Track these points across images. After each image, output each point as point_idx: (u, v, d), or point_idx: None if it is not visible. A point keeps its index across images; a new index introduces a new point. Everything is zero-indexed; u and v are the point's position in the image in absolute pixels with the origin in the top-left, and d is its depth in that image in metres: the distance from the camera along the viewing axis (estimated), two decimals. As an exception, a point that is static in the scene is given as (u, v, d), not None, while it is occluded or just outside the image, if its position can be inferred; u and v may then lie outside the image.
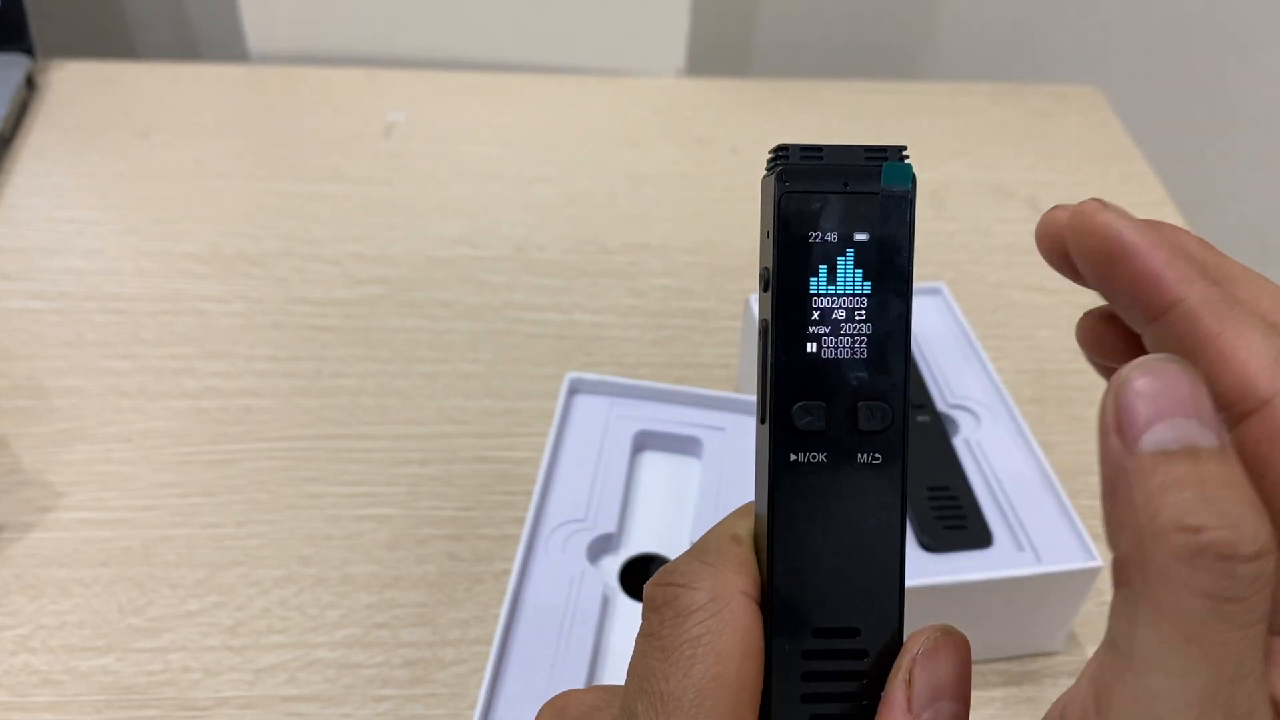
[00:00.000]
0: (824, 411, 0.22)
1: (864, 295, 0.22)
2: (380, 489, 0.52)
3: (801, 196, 0.22)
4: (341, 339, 0.60)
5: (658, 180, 0.73)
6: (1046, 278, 0.67)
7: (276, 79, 0.81)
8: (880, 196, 0.22)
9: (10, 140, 0.72)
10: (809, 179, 0.22)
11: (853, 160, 0.22)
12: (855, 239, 0.22)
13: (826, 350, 0.22)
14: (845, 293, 0.22)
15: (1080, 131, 0.81)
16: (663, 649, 0.22)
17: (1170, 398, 0.20)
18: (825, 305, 0.22)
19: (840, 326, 0.22)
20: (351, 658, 0.45)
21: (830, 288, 0.22)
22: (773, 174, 0.22)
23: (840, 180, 0.22)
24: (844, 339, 0.22)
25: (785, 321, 0.22)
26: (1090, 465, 0.55)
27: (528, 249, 0.67)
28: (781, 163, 0.22)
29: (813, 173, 0.22)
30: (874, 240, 0.22)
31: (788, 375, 0.22)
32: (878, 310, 0.22)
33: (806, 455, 0.22)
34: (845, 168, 0.22)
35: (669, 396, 0.49)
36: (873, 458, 0.22)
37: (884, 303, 0.22)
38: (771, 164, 0.22)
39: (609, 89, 0.82)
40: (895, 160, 0.22)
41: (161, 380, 0.57)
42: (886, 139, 0.85)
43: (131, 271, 0.63)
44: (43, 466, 0.52)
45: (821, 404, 0.22)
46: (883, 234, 0.22)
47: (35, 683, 0.43)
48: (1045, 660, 0.46)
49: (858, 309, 0.22)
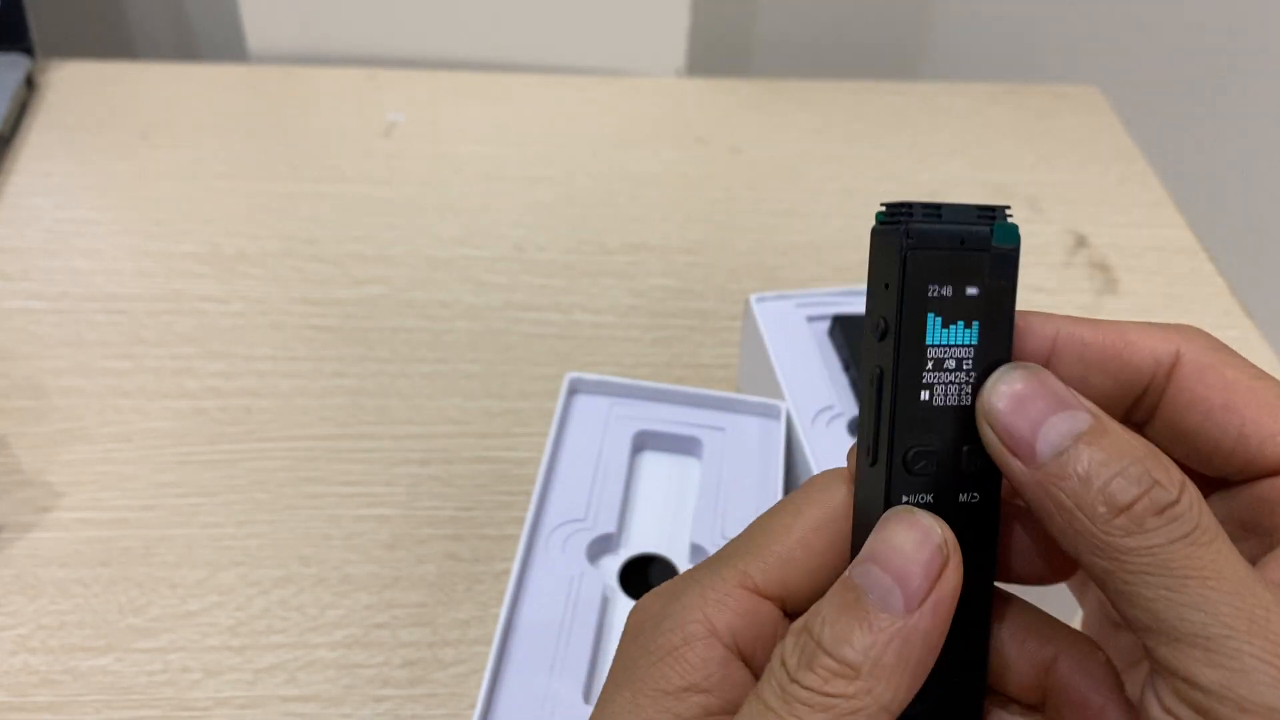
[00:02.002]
0: (935, 456, 0.24)
1: (972, 346, 0.24)
2: (380, 489, 0.52)
3: (924, 254, 0.23)
4: (341, 339, 0.60)
5: (658, 180, 0.73)
6: (1047, 277, 0.67)
7: (276, 79, 0.81)
8: (991, 254, 0.23)
9: (10, 140, 0.72)
10: (930, 237, 0.23)
11: (967, 219, 0.23)
12: (968, 293, 0.23)
13: (938, 398, 0.24)
14: (957, 344, 0.24)
15: (1080, 131, 0.81)
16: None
17: (1035, 402, 0.22)
18: (939, 355, 0.24)
19: (951, 375, 0.24)
20: (351, 658, 0.45)
21: (943, 339, 0.23)
22: (896, 231, 0.23)
23: (957, 239, 0.23)
24: (953, 387, 0.24)
25: (905, 370, 0.23)
26: (1090, 465, 0.55)
27: (528, 249, 0.67)
28: (904, 220, 0.23)
29: (935, 232, 0.23)
30: (983, 294, 0.23)
31: (905, 421, 0.24)
32: (983, 359, 0.24)
33: (916, 496, 0.24)
34: (961, 227, 0.23)
35: (669, 396, 0.49)
36: (971, 496, 0.24)
37: (989, 351, 0.24)
38: (892, 218, 0.24)
39: (609, 89, 0.82)
40: (1002, 220, 0.24)
41: (161, 380, 0.57)
42: (886, 139, 0.85)
43: (131, 271, 0.63)
44: (42, 466, 0.52)
45: (933, 448, 0.24)
46: (991, 288, 0.23)
47: (35, 683, 0.43)
48: (1045, 660, 0.46)
49: (965, 358, 0.24)
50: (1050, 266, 0.68)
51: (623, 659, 0.25)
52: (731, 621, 0.24)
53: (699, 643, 0.24)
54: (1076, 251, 0.69)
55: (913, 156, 0.77)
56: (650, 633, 0.24)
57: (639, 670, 0.24)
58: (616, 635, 0.41)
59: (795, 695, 0.22)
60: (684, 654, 0.24)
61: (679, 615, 0.24)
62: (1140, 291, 0.66)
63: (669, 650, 0.24)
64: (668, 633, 0.24)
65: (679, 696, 0.23)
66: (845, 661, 0.21)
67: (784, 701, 0.22)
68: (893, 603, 0.22)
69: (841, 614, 0.22)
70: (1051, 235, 0.70)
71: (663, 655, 0.24)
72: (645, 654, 0.24)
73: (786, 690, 0.22)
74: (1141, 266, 0.68)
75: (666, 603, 0.25)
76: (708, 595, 0.24)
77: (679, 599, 0.24)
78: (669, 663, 0.24)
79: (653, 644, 0.24)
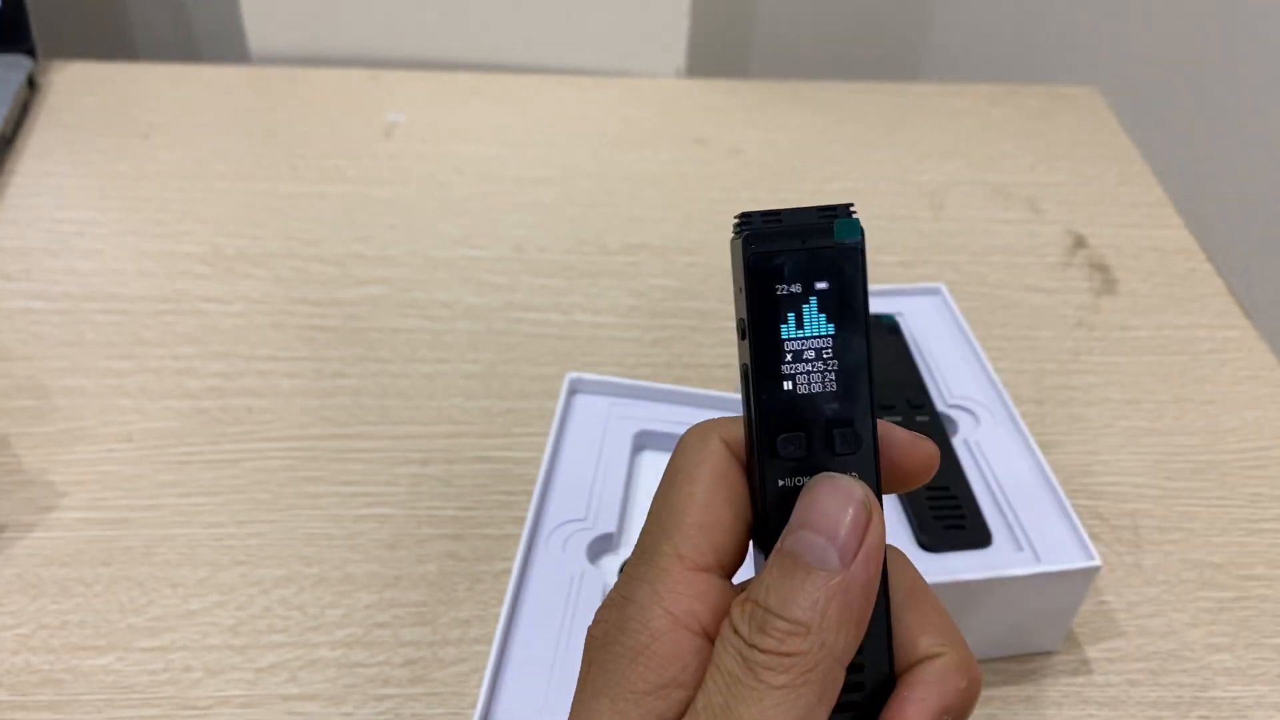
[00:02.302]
0: (804, 440, 0.25)
1: (829, 336, 0.25)
2: (381, 489, 0.52)
3: (766, 255, 0.25)
4: (342, 339, 0.60)
5: (658, 180, 0.73)
6: (1046, 278, 0.67)
7: (277, 80, 0.81)
8: (835, 249, 0.25)
9: (12, 141, 0.72)
10: (771, 240, 0.25)
11: (808, 220, 0.25)
12: (816, 288, 0.25)
13: (801, 387, 0.25)
14: (812, 335, 0.25)
15: (1079, 132, 0.81)
16: None
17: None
18: (796, 348, 0.25)
19: (811, 365, 0.25)
20: (352, 657, 0.45)
21: (799, 332, 0.25)
22: (739, 238, 0.25)
23: (798, 239, 0.25)
24: (815, 375, 0.25)
25: (763, 365, 0.25)
26: (1089, 465, 0.55)
27: (528, 249, 0.67)
28: (746, 228, 0.25)
29: (774, 234, 0.25)
30: (833, 288, 0.25)
31: (770, 411, 0.25)
32: (842, 348, 0.25)
33: (792, 480, 0.25)
34: (802, 227, 0.25)
35: (669, 396, 0.49)
36: (851, 476, 0.25)
37: (847, 341, 0.25)
38: (737, 229, 0.25)
39: (609, 89, 0.82)
40: (845, 217, 0.25)
41: (163, 380, 0.57)
42: (886, 139, 0.85)
43: (133, 272, 0.63)
44: (44, 466, 0.52)
45: (801, 434, 0.25)
46: (840, 281, 0.25)
47: (36, 682, 0.44)
48: (1044, 660, 0.47)
49: (825, 348, 0.25)
50: (1049, 267, 0.68)
51: (593, 670, 0.25)
52: (689, 605, 0.25)
53: (666, 636, 0.24)
54: (1075, 252, 0.70)
55: (913, 156, 0.77)
56: (616, 638, 0.25)
57: (614, 676, 0.24)
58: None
59: (756, 660, 0.23)
60: (655, 650, 0.24)
61: (639, 615, 0.25)
62: (1139, 292, 0.67)
63: (639, 650, 0.24)
64: (633, 634, 0.24)
65: (659, 695, 0.24)
66: (796, 620, 0.23)
67: (747, 668, 0.23)
68: (829, 560, 0.23)
69: (784, 578, 0.23)
70: (1050, 235, 0.71)
71: (634, 657, 0.24)
72: (616, 659, 0.24)
73: (746, 657, 0.23)
74: (1140, 267, 0.68)
75: (622, 608, 0.25)
76: (659, 588, 0.25)
77: (633, 600, 0.25)
78: (642, 662, 0.24)
79: (621, 648, 0.24)
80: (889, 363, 0.52)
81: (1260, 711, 0.45)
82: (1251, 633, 0.48)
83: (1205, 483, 0.55)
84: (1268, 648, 0.48)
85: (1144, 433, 0.57)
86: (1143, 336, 0.63)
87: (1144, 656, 0.47)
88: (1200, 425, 0.58)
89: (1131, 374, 0.61)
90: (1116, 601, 0.49)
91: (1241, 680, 0.46)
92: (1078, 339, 0.63)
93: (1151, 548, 0.51)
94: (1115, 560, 0.51)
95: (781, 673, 0.22)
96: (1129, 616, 0.48)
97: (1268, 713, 0.45)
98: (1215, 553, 0.51)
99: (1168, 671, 0.46)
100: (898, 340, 0.54)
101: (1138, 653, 0.47)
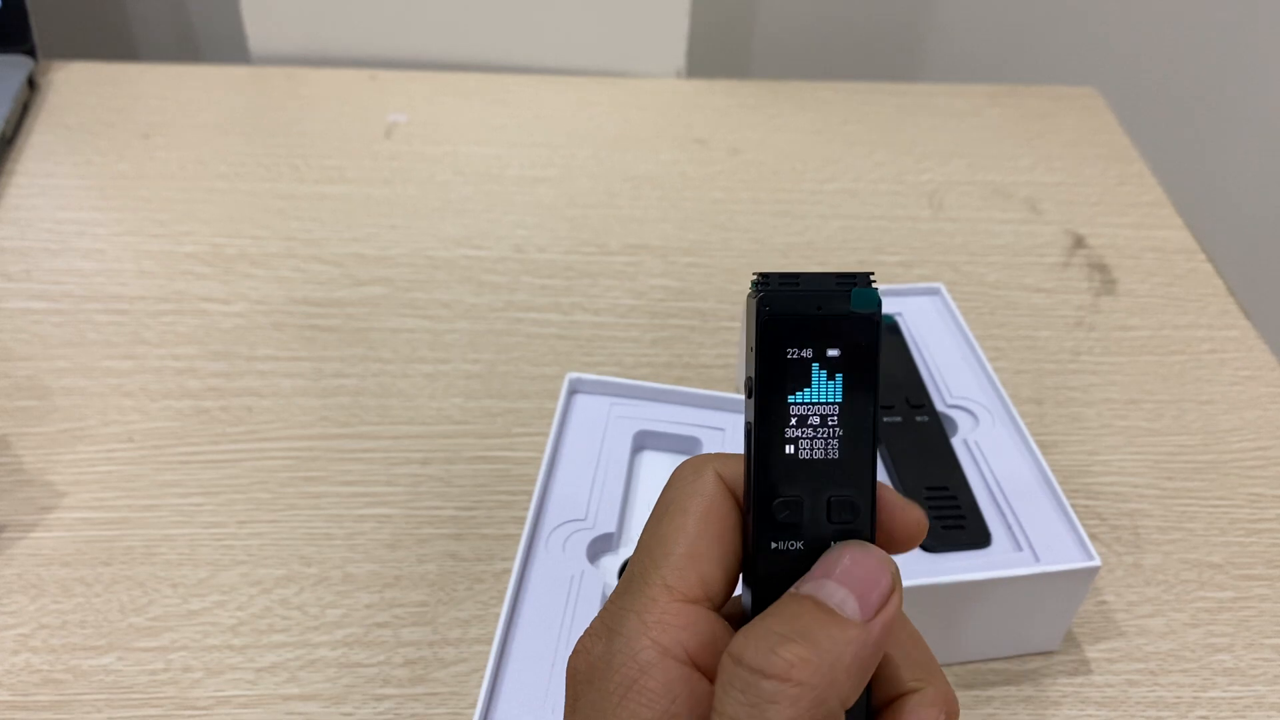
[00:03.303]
0: (800, 506, 0.25)
1: (836, 404, 0.25)
2: (381, 489, 0.52)
3: (780, 319, 0.24)
4: (342, 339, 0.60)
5: (658, 180, 0.73)
6: (1045, 278, 0.67)
7: (278, 80, 0.81)
8: (849, 319, 0.24)
9: (12, 141, 0.72)
10: (787, 304, 0.24)
11: (825, 286, 0.25)
12: (828, 355, 0.25)
13: (803, 452, 0.25)
14: (819, 401, 0.25)
15: (1079, 132, 0.81)
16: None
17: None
18: (802, 413, 0.25)
19: (815, 431, 0.25)
20: (352, 657, 0.45)
21: (806, 397, 0.25)
22: (755, 297, 0.25)
23: (814, 305, 0.25)
24: (818, 442, 0.25)
25: (766, 426, 0.25)
26: (1089, 465, 0.55)
27: (528, 249, 0.67)
28: (762, 289, 0.25)
29: (790, 298, 0.25)
30: (844, 356, 0.25)
31: (768, 474, 0.25)
32: (848, 416, 0.25)
33: (785, 543, 0.25)
34: (819, 293, 0.25)
35: (669, 396, 0.49)
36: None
37: (853, 409, 0.25)
38: (754, 287, 0.25)
39: (609, 89, 0.82)
40: (863, 286, 0.25)
41: (163, 380, 0.57)
42: (886, 140, 0.85)
43: (133, 272, 0.63)
44: (45, 466, 0.52)
45: (798, 499, 0.25)
46: (852, 350, 0.25)
47: (37, 682, 0.44)
48: (1043, 660, 0.47)
49: (830, 415, 0.25)
50: (1049, 267, 0.68)
51: (580, 706, 0.25)
52: (678, 636, 0.24)
53: (655, 668, 0.24)
54: (1075, 252, 0.70)
55: (912, 157, 0.77)
56: (604, 673, 0.24)
57: (607, 713, 0.24)
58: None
59: (763, 693, 0.22)
60: (645, 684, 0.24)
61: (626, 647, 0.24)
62: (1138, 292, 0.67)
63: (630, 685, 0.24)
64: (621, 668, 0.24)
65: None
66: (816, 649, 0.23)
67: (751, 706, 0.22)
68: (849, 611, 0.23)
69: (803, 614, 0.23)
70: (1050, 236, 0.71)
71: (625, 692, 0.24)
72: (606, 696, 0.24)
73: (750, 691, 0.22)
74: (1139, 267, 0.69)
75: (609, 640, 0.25)
76: (646, 619, 0.25)
77: (619, 632, 0.25)
78: (634, 697, 0.24)
79: (610, 684, 0.24)
80: (889, 363, 0.52)
81: (1260, 711, 0.45)
82: (1251, 633, 0.48)
83: (1205, 483, 0.55)
84: (1267, 648, 0.48)
85: (1143, 433, 0.57)
86: (1142, 336, 0.63)
87: (1143, 656, 0.47)
88: (1200, 425, 0.58)
89: (1131, 374, 0.61)
90: (1116, 601, 0.49)
91: (1241, 680, 0.46)
92: (1077, 339, 0.63)
93: (1151, 548, 0.51)
94: (1115, 560, 0.51)
95: (788, 705, 0.22)
96: (1129, 616, 0.48)
97: (1267, 713, 0.45)
98: (1215, 553, 0.51)
99: (1167, 671, 0.46)
100: (898, 340, 0.54)
101: (1137, 653, 0.47)
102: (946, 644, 0.45)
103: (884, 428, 0.49)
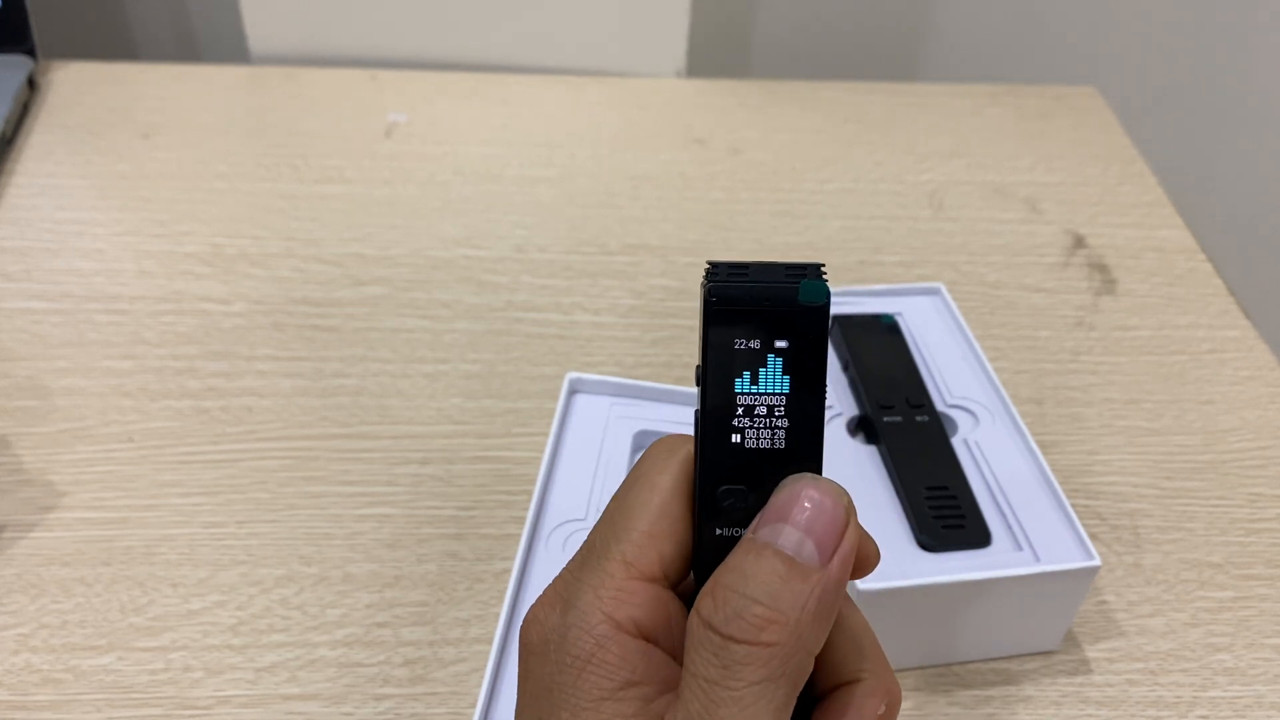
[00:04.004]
0: (745, 494, 0.25)
1: (783, 395, 0.25)
2: (381, 488, 0.52)
3: (727, 309, 0.24)
4: (342, 339, 0.60)
5: (658, 180, 0.73)
6: (1045, 278, 0.67)
7: (278, 80, 0.81)
8: (797, 310, 0.24)
9: (12, 141, 0.72)
10: (734, 294, 0.24)
11: (774, 277, 0.25)
12: (776, 346, 0.25)
13: (749, 441, 0.25)
14: (766, 391, 0.25)
15: (1079, 132, 0.81)
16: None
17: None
18: (749, 402, 0.25)
19: (762, 421, 0.25)
20: (352, 657, 0.45)
21: (753, 387, 0.25)
22: (704, 288, 0.25)
23: (761, 297, 0.24)
24: (765, 432, 0.25)
25: (713, 415, 0.25)
26: (1089, 465, 0.55)
27: (528, 249, 0.67)
28: (713, 279, 0.25)
29: (737, 289, 0.24)
30: (792, 347, 0.25)
31: (715, 462, 0.25)
32: (795, 407, 0.25)
33: (729, 530, 0.25)
34: (767, 285, 0.24)
35: (669, 396, 0.49)
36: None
37: (801, 401, 0.25)
38: (706, 276, 0.25)
39: (609, 89, 0.82)
40: (814, 278, 0.25)
41: (163, 380, 0.57)
42: (886, 139, 0.85)
43: (133, 272, 0.63)
44: (44, 466, 0.52)
45: (743, 487, 0.25)
46: (799, 342, 0.25)
47: (36, 682, 0.44)
48: (1043, 660, 0.47)
49: (777, 406, 0.25)
50: (1048, 267, 0.68)
51: (539, 679, 0.25)
52: (632, 613, 0.25)
53: (612, 641, 0.24)
54: (1074, 252, 0.70)
55: (913, 157, 0.77)
56: (559, 645, 0.25)
57: (565, 687, 0.24)
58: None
59: (734, 657, 0.22)
60: (603, 657, 0.24)
61: (581, 621, 0.24)
62: (1138, 292, 0.67)
63: (587, 658, 0.24)
64: (576, 641, 0.24)
65: (617, 697, 0.24)
66: (778, 610, 0.23)
67: (723, 667, 0.22)
68: (807, 555, 0.23)
69: (761, 568, 0.23)
70: (1049, 236, 0.71)
71: (584, 665, 0.24)
72: (563, 669, 0.24)
73: (722, 654, 0.23)
74: (1139, 267, 0.69)
75: (563, 612, 0.25)
76: (601, 594, 0.25)
77: (574, 605, 0.25)
78: (592, 669, 0.24)
79: (567, 656, 0.24)
80: (888, 362, 0.52)
81: (1260, 711, 0.45)
82: (1251, 633, 0.48)
83: (1205, 483, 0.55)
84: (1267, 648, 0.48)
85: (1143, 433, 0.57)
86: (1142, 336, 0.63)
87: (1143, 656, 0.47)
88: (1200, 425, 0.58)
89: (1131, 374, 0.61)
90: (1116, 601, 0.49)
91: (1241, 680, 0.46)
92: (1077, 339, 0.63)
93: (1151, 548, 0.51)
94: (1115, 560, 0.51)
95: (760, 666, 0.22)
96: (1129, 616, 0.48)
97: (1267, 712, 0.45)
98: (1215, 552, 0.51)
99: (1167, 671, 0.46)
100: (898, 340, 0.54)
101: (1137, 652, 0.47)
102: (946, 644, 0.45)
103: (884, 427, 0.49)
